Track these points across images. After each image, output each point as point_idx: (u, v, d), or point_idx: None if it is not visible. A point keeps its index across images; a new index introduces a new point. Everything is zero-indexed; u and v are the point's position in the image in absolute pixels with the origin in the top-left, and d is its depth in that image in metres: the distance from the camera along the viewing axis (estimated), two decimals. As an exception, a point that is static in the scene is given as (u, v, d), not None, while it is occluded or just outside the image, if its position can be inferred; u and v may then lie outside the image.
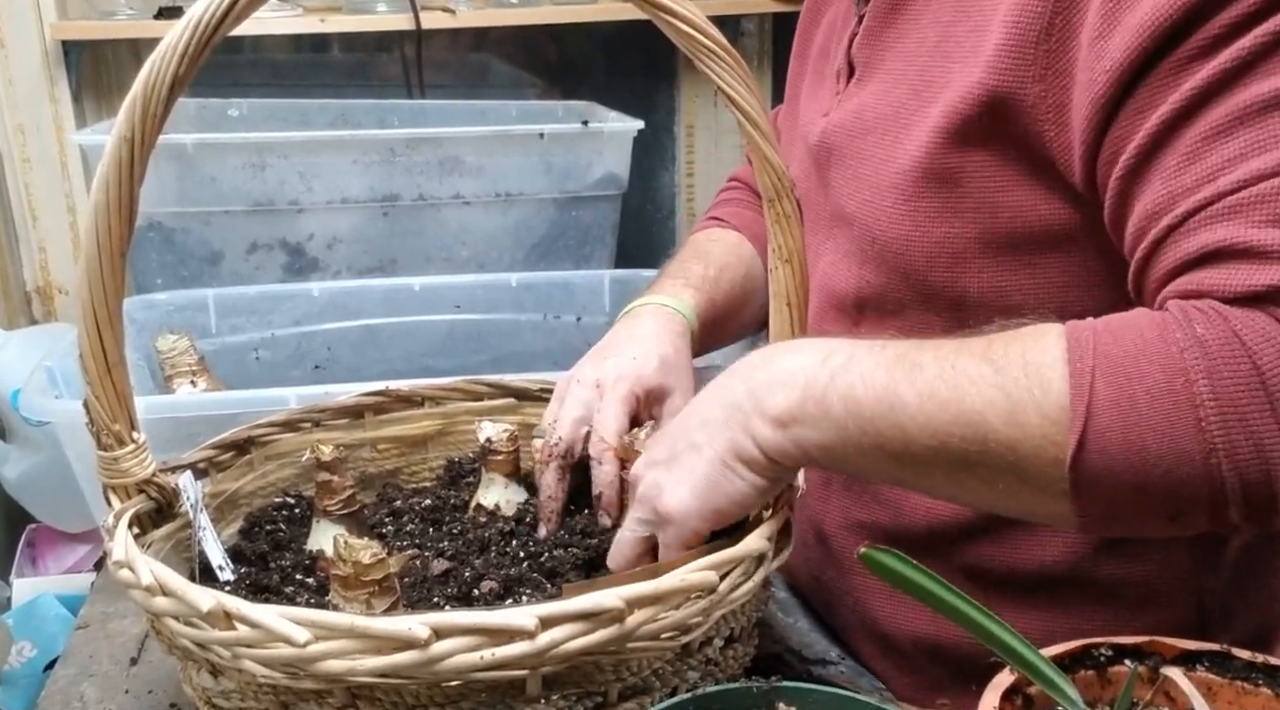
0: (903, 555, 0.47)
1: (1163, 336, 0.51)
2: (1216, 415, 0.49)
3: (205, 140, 1.44)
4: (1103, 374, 0.51)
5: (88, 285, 0.57)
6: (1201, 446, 0.49)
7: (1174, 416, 0.49)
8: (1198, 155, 0.53)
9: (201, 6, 0.55)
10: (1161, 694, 0.50)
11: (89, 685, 0.72)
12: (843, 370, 0.56)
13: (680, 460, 0.61)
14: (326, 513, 0.73)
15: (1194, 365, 0.50)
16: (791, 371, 0.58)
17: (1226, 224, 0.52)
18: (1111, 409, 0.50)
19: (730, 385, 0.60)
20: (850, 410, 0.56)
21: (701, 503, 0.60)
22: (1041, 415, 0.52)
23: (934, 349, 0.56)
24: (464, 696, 0.54)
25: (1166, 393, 0.50)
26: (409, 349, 1.41)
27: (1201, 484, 0.50)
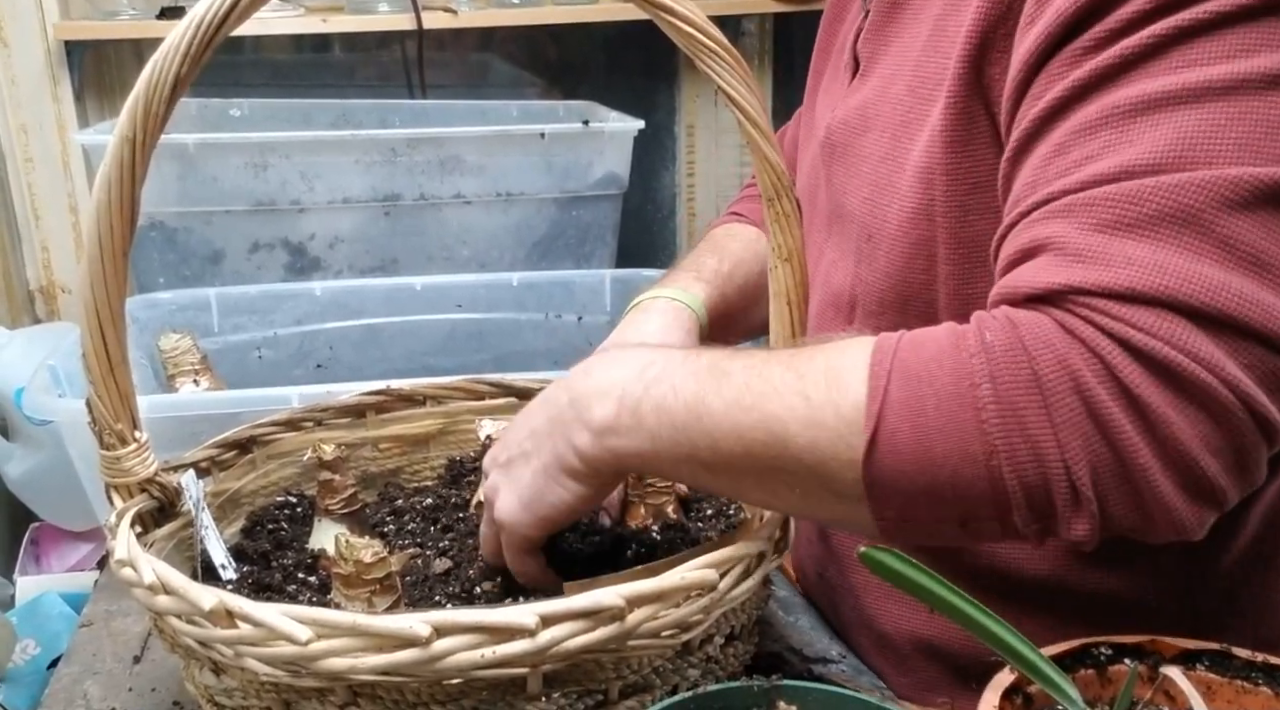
0: (902, 554, 0.47)
1: (955, 344, 0.52)
2: (997, 418, 0.50)
3: (207, 140, 1.44)
4: (898, 378, 0.52)
5: (90, 284, 0.57)
6: (984, 448, 0.50)
7: (959, 419, 0.50)
8: (1063, 149, 0.54)
9: (203, 6, 0.55)
10: (1161, 693, 0.50)
11: (92, 683, 0.72)
12: (656, 382, 0.58)
13: (513, 467, 0.63)
14: (328, 512, 0.73)
15: (979, 370, 0.50)
16: (611, 383, 0.59)
17: (1057, 221, 0.53)
18: (902, 410, 0.51)
19: (556, 397, 0.62)
20: (662, 420, 0.57)
21: (528, 512, 0.62)
22: (838, 417, 0.53)
23: (745, 357, 0.58)
24: (465, 694, 0.54)
25: (953, 396, 0.51)
26: (410, 348, 1.41)
27: (985, 486, 0.51)
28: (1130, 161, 0.51)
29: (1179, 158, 0.50)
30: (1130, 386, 0.49)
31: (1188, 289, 0.49)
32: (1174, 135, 0.51)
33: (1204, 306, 0.49)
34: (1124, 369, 0.49)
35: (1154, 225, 0.50)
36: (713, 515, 0.77)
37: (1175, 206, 0.50)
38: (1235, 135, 0.50)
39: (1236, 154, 0.50)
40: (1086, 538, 0.51)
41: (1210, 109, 0.51)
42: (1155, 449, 0.49)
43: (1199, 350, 0.49)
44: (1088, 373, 0.49)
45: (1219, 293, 0.49)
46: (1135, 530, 0.52)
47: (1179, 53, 0.51)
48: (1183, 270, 0.49)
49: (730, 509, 0.78)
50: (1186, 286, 0.49)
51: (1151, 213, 0.50)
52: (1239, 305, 0.49)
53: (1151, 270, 0.49)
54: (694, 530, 0.75)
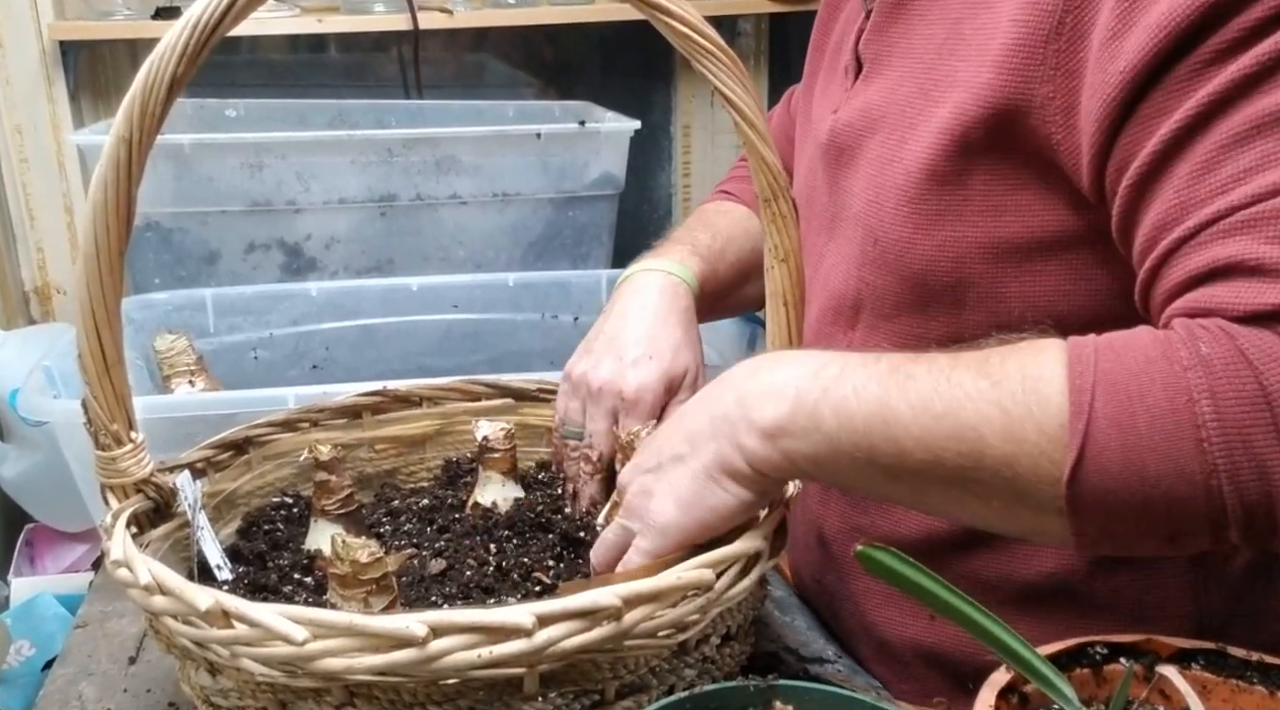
0: (900, 553, 0.47)
1: (1166, 355, 0.50)
2: (1219, 436, 0.48)
3: (203, 140, 1.44)
4: (1103, 392, 0.50)
5: (86, 285, 0.57)
6: (1203, 468, 0.48)
7: (1175, 437, 0.48)
8: (1212, 165, 0.52)
9: (199, 7, 0.55)
10: (1157, 692, 0.50)
11: (87, 684, 0.72)
12: (835, 382, 0.55)
13: (666, 471, 0.60)
14: (324, 512, 0.73)
15: (1197, 385, 0.48)
16: (783, 383, 0.57)
17: (1238, 239, 0.51)
18: (1111, 427, 0.49)
19: (719, 396, 0.60)
20: (843, 423, 0.54)
21: (686, 516, 0.59)
22: (1039, 432, 0.50)
23: (928, 362, 0.55)
24: (461, 694, 0.54)
25: (1168, 412, 0.48)
26: (407, 349, 1.40)
27: (1202, 505, 0.49)
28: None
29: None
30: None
31: None
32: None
33: None
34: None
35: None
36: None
37: None
38: None
39: None
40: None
41: None
42: None
43: None
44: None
45: None
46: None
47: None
48: None
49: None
50: None
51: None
52: None
53: None
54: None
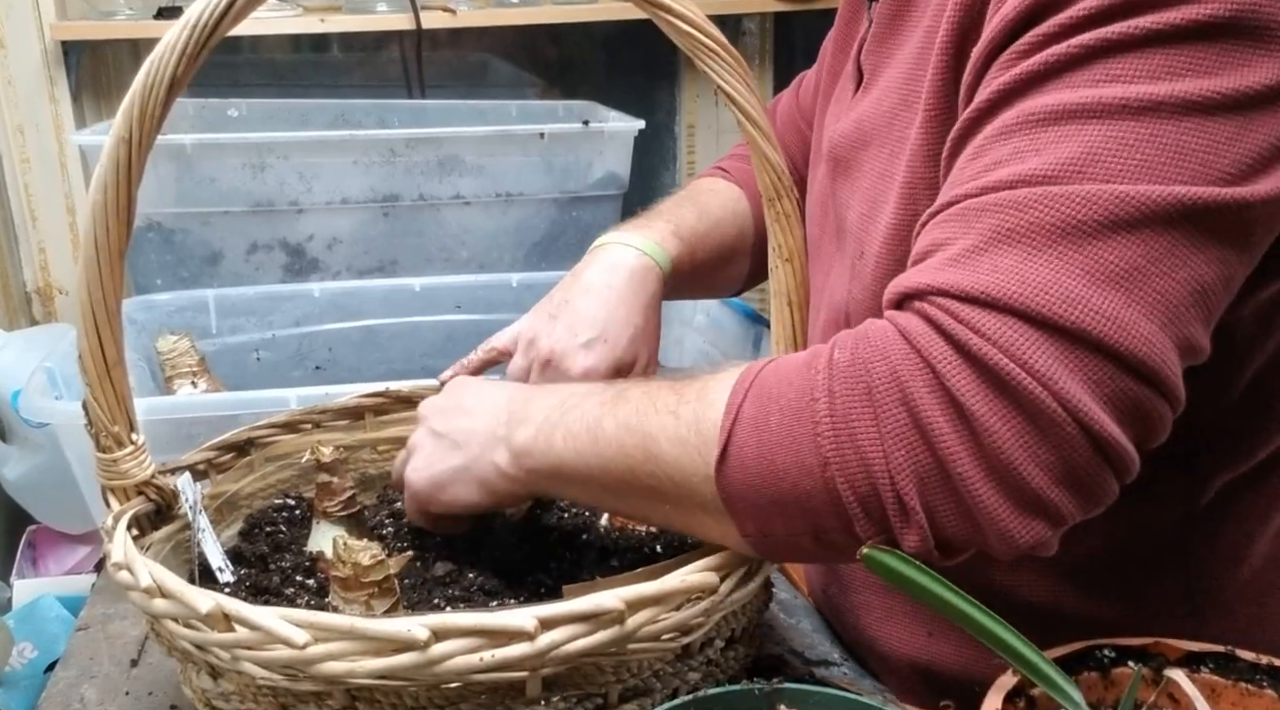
0: (904, 555, 0.47)
1: (808, 363, 0.54)
2: (830, 430, 0.51)
3: (204, 140, 1.43)
4: (752, 395, 0.54)
5: (87, 286, 0.56)
6: (818, 460, 0.51)
7: (797, 432, 0.52)
8: (979, 152, 0.54)
9: (200, 6, 0.55)
10: (1165, 695, 0.50)
11: (89, 687, 0.72)
12: (571, 409, 0.61)
13: (441, 442, 0.67)
14: (326, 514, 0.73)
15: (820, 384, 0.52)
16: (538, 410, 0.63)
17: (953, 224, 0.53)
18: (749, 424, 0.53)
19: (501, 408, 0.65)
20: (566, 444, 0.60)
21: (431, 492, 0.67)
22: (698, 434, 0.55)
23: (646, 385, 0.60)
24: (464, 698, 0.53)
25: (794, 411, 0.52)
26: (410, 349, 1.40)
27: (823, 498, 0.52)
28: (1030, 170, 0.51)
29: (1076, 171, 0.50)
30: (957, 393, 0.49)
31: (1043, 299, 0.49)
32: (1078, 148, 0.50)
33: (1056, 318, 0.48)
34: (954, 375, 0.49)
35: (1031, 235, 0.50)
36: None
37: (1057, 218, 0.50)
38: (1141, 156, 0.49)
39: (1137, 173, 0.49)
40: (919, 549, 0.51)
41: (1121, 127, 0.50)
42: (977, 457, 0.49)
43: (1035, 361, 0.48)
44: (918, 382, 0.50)
45: (1075, 306, 0.48)
46: (969, 543, 0.51)
47: (1102, 65, 0.51)
48: (1044, 280, 0.49)
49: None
50: (1042, 297, 0.49)
51: (1032, 222, 0.50)
52: (1094, 320, 0.48)
53: (1013, 277, 0.49)
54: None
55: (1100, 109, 0.50)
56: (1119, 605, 0.68)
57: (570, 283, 0.81)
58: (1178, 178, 0.49)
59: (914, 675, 0.74)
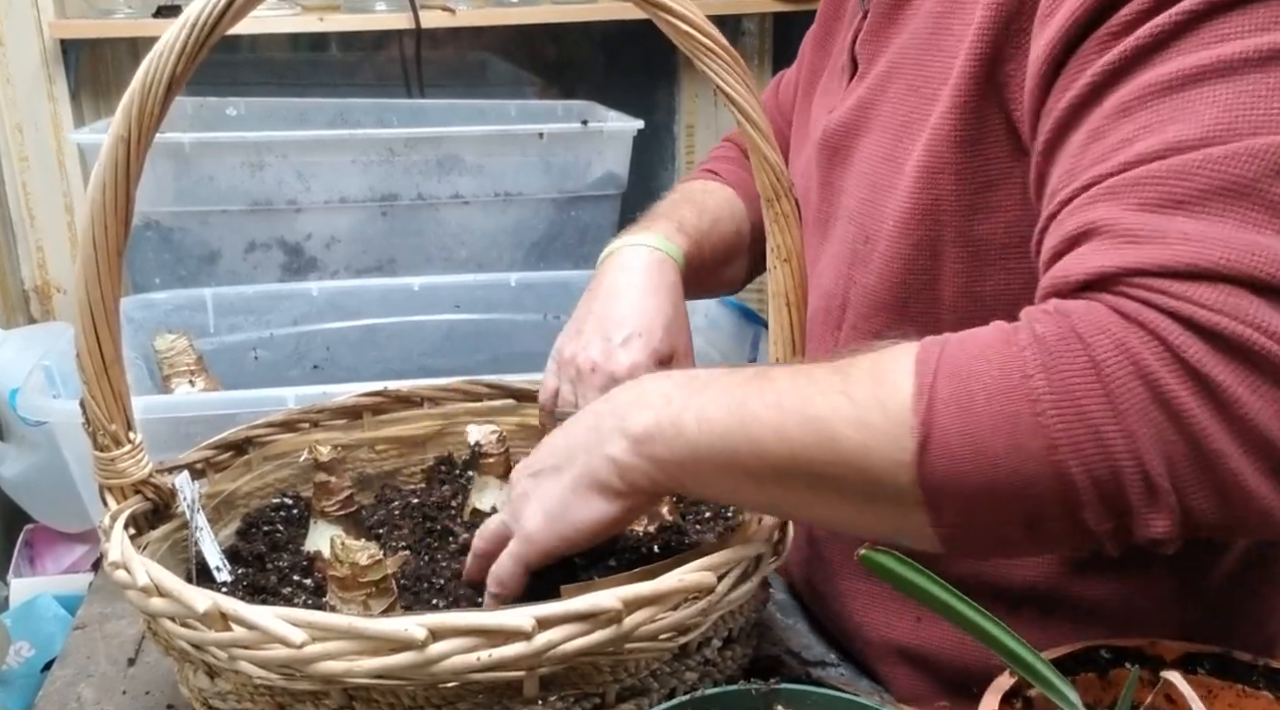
0: (901, 556, 0.47)
1: (1004, 339, 0.50)
2: (1054, 409, 0.47)
3: (203, 139, 1.43)
4: (944, 375, 0.50)
5: (85, 284, 0.56)
6: (1043, 442, 0.47)
7: (1012, 412, 0.48)
8: (1099, 134, 0.53)
9: (199, 5, 0.55)
10: (1162, 696, 0.50)
11: (86, 686, 0.72)
12: (700, 391, 0.56)
13: (542, 480, 0.62)
14: (324, 513, 0.73)
15: (1031, 361, 0.48)
16: (652, 393, 0.58)
17: (1102, 205, 0.51)
18: (950, 407, 0.49)
19: (598, 409, 0.61)
20: (703, 428, 0.55)
21: (549, 528, 0.60)
22: (886, 417, 0.50)
23: (790, 366, 0.56)
24: (461, 698, 0.53)
25: (1004, 389, 0.48)
26: (408, 349, 1.40)
27: (1050, 483, 0.48)
28: (1174, 139, 0.49)
29: (1225, 130, 0.49)
30: (1198, 367, 0.46)
31: (1251, 261, 0.46)
32: (1214, 109, 0.49)
33: (1270, 278, 0.46)
34: (1189, 349, 0.46)
35: (1206, 199, 0.48)
36: (710, 518, 0.77)
37: (1226, 178, 0.48)
38: (1272, 104, 0.48)
39: (1278, 121, 0.48)
40: (1167, 535, 0.47)
41: (1247, 81, 0.49)
42: (1231, 432, 0.46)
43: (1269, 323, 0.45)
44: (1149, 355, 0.46)
45: None
46: (1221, 525, 0.48)
47: (1209, 28, 0.50)
48: (1242, 242, 0.47)
49: (728, 512, 0.77)
50: (1249, 258, 0.46)
51: (1202, 187, 0.48)
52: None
53: (1209, 244, 0.47)
54: (691, 532, 0.74)
55: (1222, 68, 0.49)
56: (1112, 585, 0.68)
57: (590, 296, 0.81)
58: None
59: (901, 661, 0.74)
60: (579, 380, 0.77)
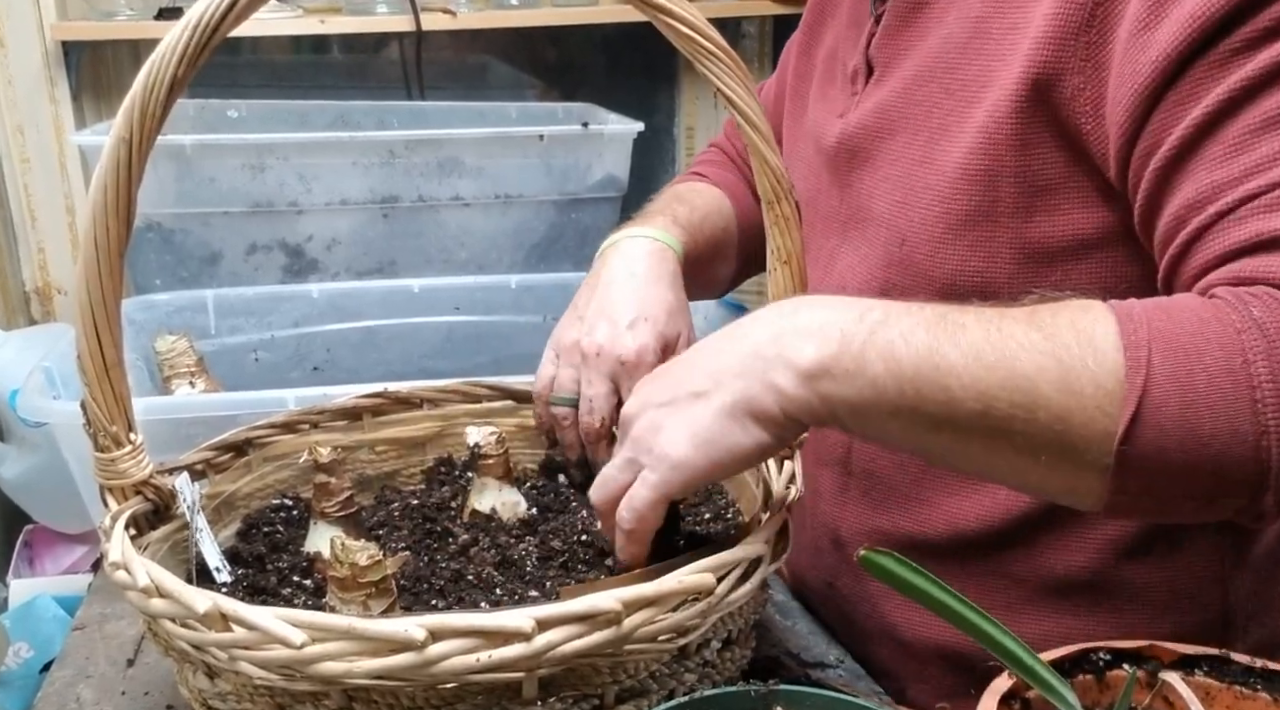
0: (902, 557, 0.47)
1: (1219, 318, 0.50)
2: (1274, 397, 0.48)
3: (204, 141, 1.44)
4: (1160, 349, 0.50)
5: (86, 286, 0.56)
6: (1255, 428, 0.48)
7: (1232, 396, 0.48)
8: (1245, 147, 0.54)
9: (201, 7, 0.55)
10: (1160, 699, 0.50)
11: (85, 686, 0.72)
12: (881, 326, 0.53)
13: (682, 406, 0.57)
14: (324, 514, 0.73)
15: (1252, 347, 0.49)
16: (825, 323, 0.54)
17: (1265, 218, 0.52)
18: (1168, 384, 0.49)
19: (750, 333, 0.56)
20: (890, 368, 0.52)
21: (700, 453, 0.56)
22: (1096, 385, 0.50)
23: (976, 312, 0.54)
24: (460, 699, 0.54)
25: (1225, 372, 0.49)
26: (408, 350, 1.40)
27: (1249, 466, 0.49)
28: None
29: None
30: None
31: None
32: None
33: None
34: None
35: None
36: (710, 518, 0.77)
37: None
38: None
39: None
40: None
41: None
42: None
43: None
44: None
45: None
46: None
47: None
48: None
49: (728, 512, 0.77)
50: None
51: None
52: None
53: None
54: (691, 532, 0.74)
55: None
56: (1150, 564, 0.69)
57: (589, 285, 0.81)
58: None
59: (935, 659, 0.74)
60: (584, 365, 0.76)
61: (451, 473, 0.85)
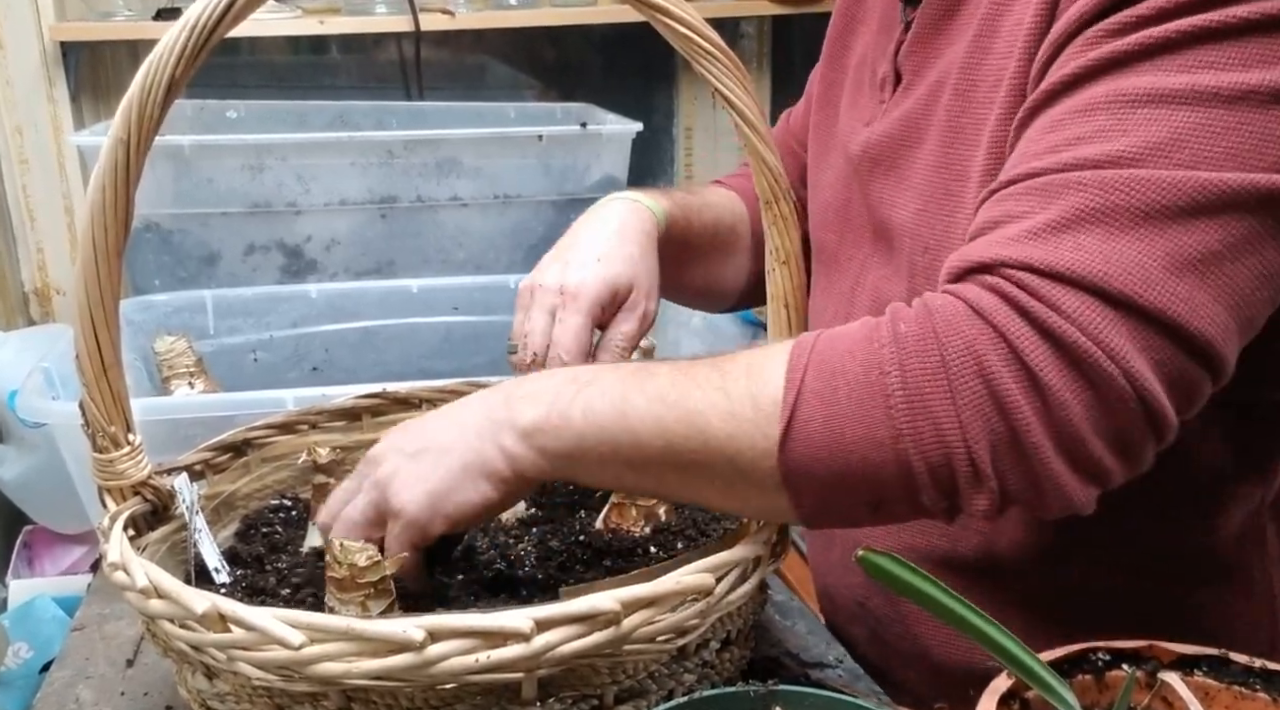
0: (899, 558, 0.47)
1: (869, 336, 0.54)
2: (904, 403, 0.52)
3: (203, 142, 1.44)
4: (813, 370, 0.54)
5: (84, 286, 0.56)
6: (891, 433, 0.52)
7: (869, 405, 0.52)
8: (1058, 126, 0.55)
9: (199, 8, 0.55)
10: (1159, 699, 0.50)
11: (85, 687, 0.72)
12: (587, 386, 0.59)
13: (425, 458, 0.61)
14: (323, 515, 0.73)
15: (889, 359, 0.53)
16: (543, 389, 0.60)
17: (1032, 197, 0.54)
18: (815, 399, 0.53)
19: (491, 399, 0.62)
20: (589, 419, 0.58)
21: (433, 507, 0.60)
22: (755, 409, 0.54)
23: (673, 362, 0.60)
24: (459, 699, 0.54)
25: (863, 384, 0.53)
26: (407, 351, 1.40)
27: (893, 470, 0.53)
28: (1117, 151, 0.52)
29: (1163, 156, 0.51)
30: (1033, 366, 0.51)
31: (1124, 280, 0.50)
32: (1166, 132, 0.51)
33: (1135, 298, 0.50)
34: (1030, 349, 0.51)
35: (1115, 216, 0.51)
36: (708, 519, 0.77)
37: (1141, 202, 0.51)
38: (1227, 143, 0.51)
39: (1221, 160, 0.51)
40: (987, 511, 0.53)
41: (1210, 114, 0.51)
42: (1048, 428, 0.51)
43: (1108, 338, 0.50)
44: (993, 355, 0.51)
45: (1154, 288, 0.50)
46: (1029, 505, 0.54)
47: (1196, 52, 0.52)
48: (1126, 262, 0.50)
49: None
50: (1124, 278, 0.50)
51: (1116, 204, 0.51)
52: (1171, 304, 0.50)
53: (1095, 257, 0.51)
54: (688, 533, 0.74)
55: (1193, 95, 0.51)
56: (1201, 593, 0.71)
57: (565, 238, 0.80)
58: (1260, 165, 0.51)
59: (971, 682, 0.73)
60: (530, 304, 0.75)
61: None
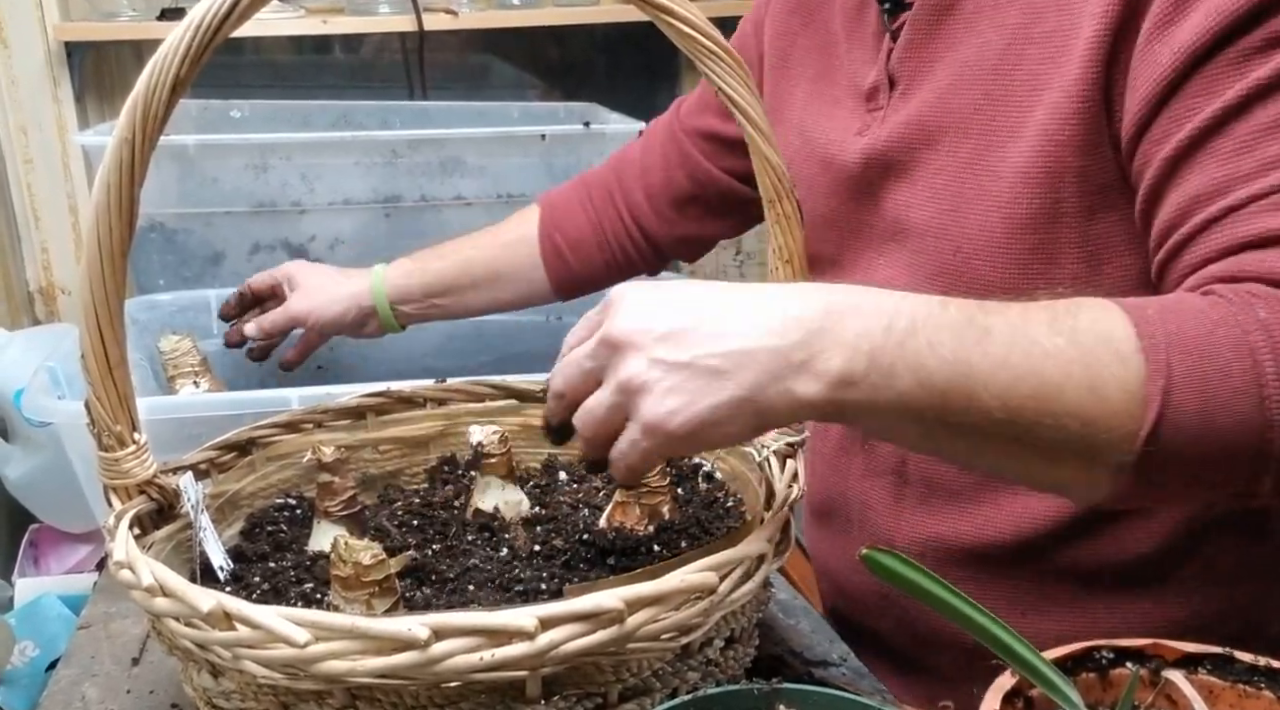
0: (903, 556, 0.47)
1: (1227, 319, 0.53)
2: (1278, 392, 0.51)
3: (207, 141, 1.44)
4: (1177, 351, 0.52)
5: (89, 286, 0.57)
6: (1262, 422, 0.51)
7: (1243, 393, 0.51)
8: (1255, 145, 0.55)
9: (203, 8, 0.55)
10: (1163, 697, 0.50)
11: (90, 685, 0.72)
12: (909, 337, 0.52)
13: (692, 378, 0.53)
14: (327, 514, 0.73)
15: (1260, 346, 0.52)
16: (855, 335, 0.53)
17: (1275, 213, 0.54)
18: (1187, 385, 0.52)
19: (784, 327, 0.53)
20: (919, 380, 0.52)
21: (696, 436, 0.54)
22: (1121, 389, 0.52)
23: (999, 313, 0.54)
24: (464, 697, 0.54)
25: (1238, 372, 0.51)
26: (411, 350, 1.40)
27: (1253, 457, 0.52)
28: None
29: None
30: None
31: None
32: None
33: None
34: None
35: None
36: (712, 517, 0.77)
37: None
38: None
39: None
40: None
41: None
42: None
43: None
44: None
45: None
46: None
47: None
48: None
49: (730, 507, 0.77)
50: None
51: None
52: None
53: None
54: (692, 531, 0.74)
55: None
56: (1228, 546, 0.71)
57: None
58: None
59: None
60: None
61: (454, 472, 0.85)
